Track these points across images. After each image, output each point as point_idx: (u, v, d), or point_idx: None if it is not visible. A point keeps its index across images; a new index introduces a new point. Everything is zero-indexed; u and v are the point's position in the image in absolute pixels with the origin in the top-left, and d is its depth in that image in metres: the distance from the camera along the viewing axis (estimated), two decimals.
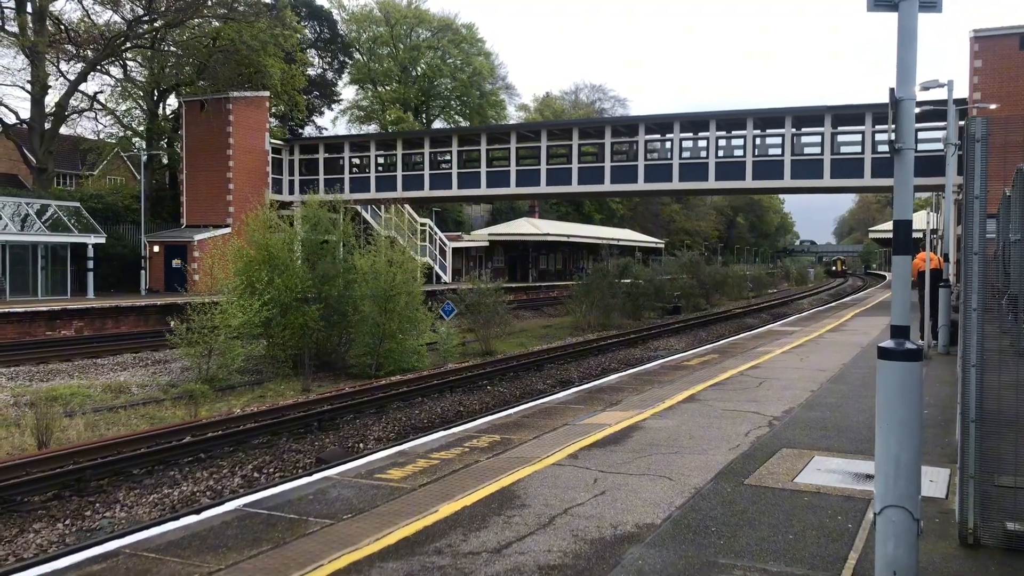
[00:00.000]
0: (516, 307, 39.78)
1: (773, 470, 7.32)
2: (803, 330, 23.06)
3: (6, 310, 26.08)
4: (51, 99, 40.91)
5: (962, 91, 29.20)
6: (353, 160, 43.60)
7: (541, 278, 66.48)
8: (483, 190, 40.70)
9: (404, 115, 64.75)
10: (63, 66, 41.46)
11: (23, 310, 26.47)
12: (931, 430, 8.66)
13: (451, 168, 40.84)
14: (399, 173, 41.70)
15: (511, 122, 73.73)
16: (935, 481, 6.82)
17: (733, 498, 6.48)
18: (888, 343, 4.53)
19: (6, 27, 38.44)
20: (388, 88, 69.46)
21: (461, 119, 71.72)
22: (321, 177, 42.84)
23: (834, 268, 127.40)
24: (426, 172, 41.21)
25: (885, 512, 4.47)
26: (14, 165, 50.21)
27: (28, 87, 39.61)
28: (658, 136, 38.11)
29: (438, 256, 51.82)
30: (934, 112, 27.19)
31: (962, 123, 22.09)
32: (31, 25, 38.69)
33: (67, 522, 9.45)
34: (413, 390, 17.10)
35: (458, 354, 23.99)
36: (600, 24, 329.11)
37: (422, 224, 50.70)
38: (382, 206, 45.99)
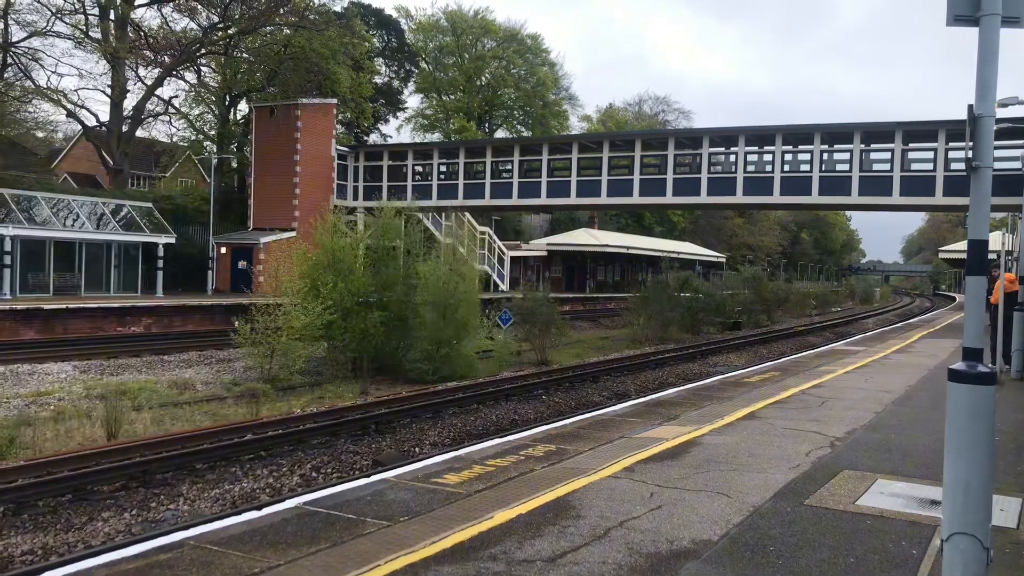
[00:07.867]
0: (572, 318, 39.72)
1: (834, 491, 7.17)
2: (868, 350, 22.50)
3: (81, 305, 27.08)
4: (129, 103, 42.48)
5: None
6: (416, 168, 44.05)
7: (599, 289, 66.17)
8: (543, 200, 40.69)
9: (467, 124, 65.31)
10: (141, 71, 43.04)
11: (96, 305, 27.44)
12: (1002, 458, 8.37)
13: (512, 177, 40.93)
14: (460, 181, 41.94)
15: (573, 132, 73.74)
16: (1006, 510, 6.59)
17: (792, 518, 6.37)
18: (960, 365, 4.41)
19: (90, 34, 40.06)
20: (452, 97, 70.17)
21: (523, 129, 71.95)
22: (385, 184, 43.37)
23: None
24: (487, 181, 41.38)
25: (953, 539, 4.35)
26: (93, 166, 52.19)
27: (108, 91, 41.16)
28: (722, 149, 37.58)
29: (496, 265, 52.02)
30: (1011, 130, 26.31)
31: None
32: (113, 32, 40.21)
33: (133, 512, 9.75)
34: (469, 396, 17.19)
35: (514, 363, 24.05)
36: (667, 33, 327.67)
37: (482, 232, 50.98)
38: (443, 214, 46.37)
